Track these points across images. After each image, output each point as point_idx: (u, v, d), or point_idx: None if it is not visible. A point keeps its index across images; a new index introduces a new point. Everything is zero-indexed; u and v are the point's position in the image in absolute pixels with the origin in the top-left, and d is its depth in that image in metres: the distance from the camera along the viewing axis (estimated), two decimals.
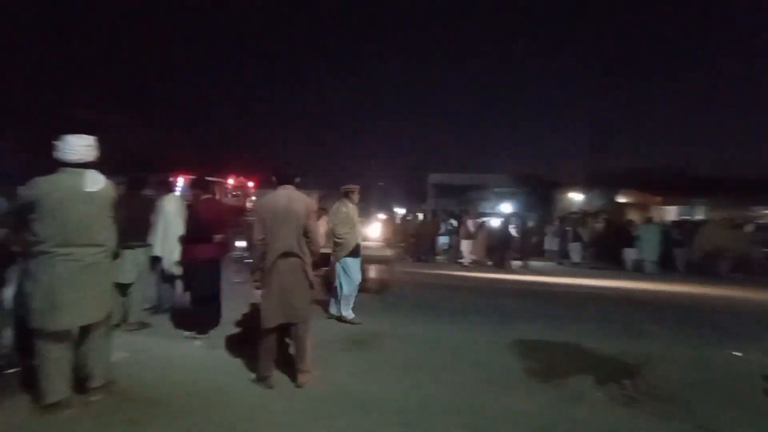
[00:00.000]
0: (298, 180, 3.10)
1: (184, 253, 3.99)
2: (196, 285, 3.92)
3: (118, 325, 3.89)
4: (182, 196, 4.79)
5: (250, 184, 14.07)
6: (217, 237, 3.98)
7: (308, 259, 2.96)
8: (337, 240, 4.70)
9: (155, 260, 4.38)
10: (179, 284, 4.46)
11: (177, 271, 4.31)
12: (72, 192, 2.39)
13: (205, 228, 3.88)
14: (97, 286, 2.47)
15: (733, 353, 4.04)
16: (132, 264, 3.97)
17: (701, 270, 10.25)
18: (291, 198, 2.94)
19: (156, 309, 4.64)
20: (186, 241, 3.98)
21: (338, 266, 4.73)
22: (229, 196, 13.10)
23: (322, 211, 10.25)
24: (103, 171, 2.57)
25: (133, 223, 3.89)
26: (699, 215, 15.22)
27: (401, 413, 2.61)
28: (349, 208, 4.79)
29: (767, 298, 7.62)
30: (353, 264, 4.75)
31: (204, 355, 3.53)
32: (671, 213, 16.35)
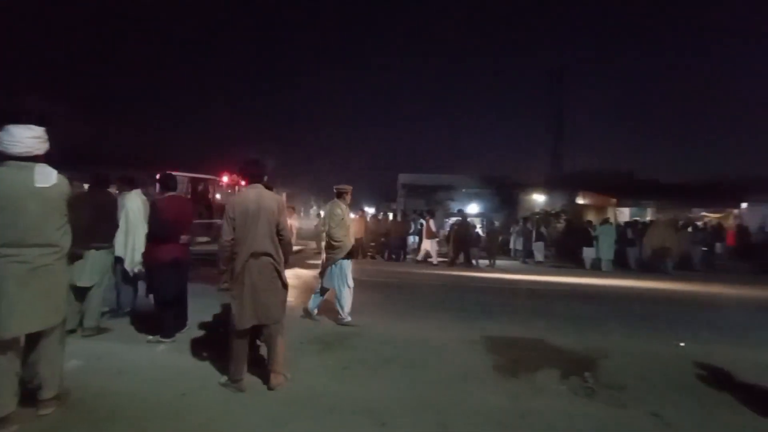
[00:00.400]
0: (266, 178, 3.07)
1: (148, 253, 3.81)
2: (160, 287, 3.74)
3: (73, 331, 3.66)
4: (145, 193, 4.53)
5: (243, 183, 13.62)
6: (184, 237, 3.83)
7: (281, 259, 2.92)
8: (334, 243, 4.64)
9: (117, 261, 4.15)
10: (142, 286, 4.26)
11: (139, 271, 4.10)
12: (20, 188, 2.21)
13: (169, 227, 3.72)
14: (48, 290, 2.30)
15: (679, 344, 4.39)
16: (94, 266, 3.75)
17: (650, 267, 11.03)
18: (261, 196, 2.89)
19: (115, 312, 4.40)
20: (149, 240, 3.79)
21: (334, 269, 4.66)
22: (222, 194, 12.75)
23: (291, 209, 10.08)
24: (54, 166, 2.39)
25: (97, 223, 3.67)
26: (648, 216, 16.33)
27: (375, 412, 2.63)
28: (343, 209, 4.75)
29: (706, 291, 8.31)
30: (348, 266, 4.73)
31: (169, 360, 3.39)
32: (624, 214, 17.43)
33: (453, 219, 13.56)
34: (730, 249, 14.00)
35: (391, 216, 14.04)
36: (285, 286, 2.96)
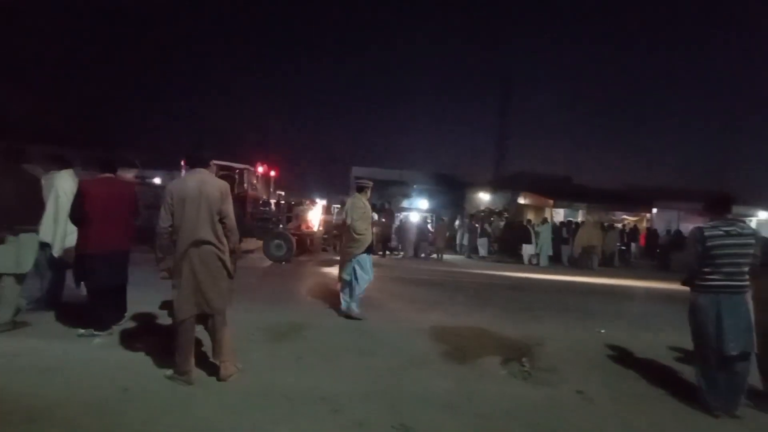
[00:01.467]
0: (212, 163, 2.99)
1: (80, 239, 3.49)
2: (95, 275, 3.46)
3: None
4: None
5: (273, 173, 11.71)
6: (123, 222, 3.56)
7: (225, 247, 2.84)
8: (357, 236, 4.63)
9: (42, 246, 3.75)
10: (71, 275, 3.89)
11: (69, 259, 3.74)
12: None
13: (103, 211, 3.43)
14: None
15: (600, 331, 4.94)
16: (12, 252, 3.36)
17: (579, 263, 12.16)
18: (203, 182, 2.79)
19: (40, 304, 3.98)
20: (80, 225, 3.47)
21: (354, 262, 4.65)
22: (256, 185, 10.95)
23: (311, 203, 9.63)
24: None
25: (14, 203, 3.28)
26: (580, 218, 17.89)
27: (328, 400, 2.68)
28: (365, 203, 4.76)
29: (622, 285, 9.36)
30: (368, 260, 4.73)
31: (105, 355, 3.16)
32: (560, 214, 18.91)
33: (403, 213, 13.89)
34: (642, 248, 15.88)
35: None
36: (230, 275, 2.89)
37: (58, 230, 3.76)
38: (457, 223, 14.94)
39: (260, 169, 11.19)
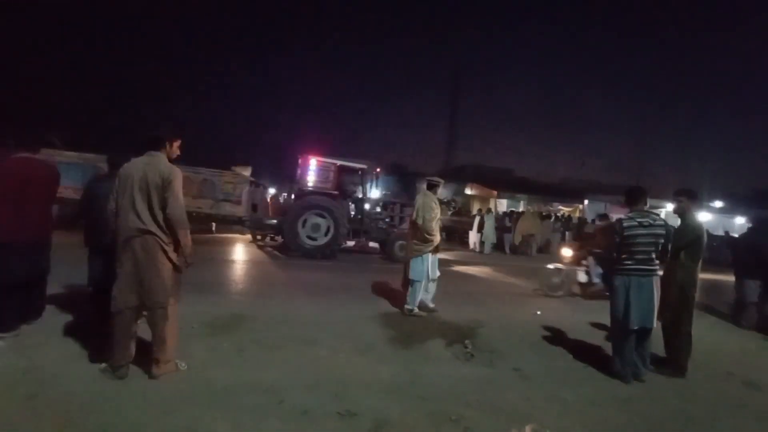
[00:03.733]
0: (164, 147, 2.70)
1: None
2: (5, 269, 3.02)
3: None
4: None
5: (378, 169, 10.62)
6: (40, 208, 3.15)
7: (168, 238, 2.62)
8: (428, 236, 4.58)
9: None
10: None
11: None
12: None
13: (14, 196, 3.01)
14: None
15: (537, 312, 5.31)
16: None
17: (519, 250, 12.94)
18: (149, 165, 2.56)
19: None
20: None
21: (420, 260, 4.60)
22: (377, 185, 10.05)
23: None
24: None
25: None
26: (521, 208, 19.04)
27: (272, 392, 2.61)
28: (436, 202, 4.64)
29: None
30: (435, 260, 4.72)
31: (12, 356, 2.80)
32: (503, 205, 19.96)
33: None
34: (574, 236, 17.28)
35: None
36: (177, 267, 2.68)
37: None
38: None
39: (378, 169, 10.36)
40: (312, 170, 9.39)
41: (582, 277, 6.42)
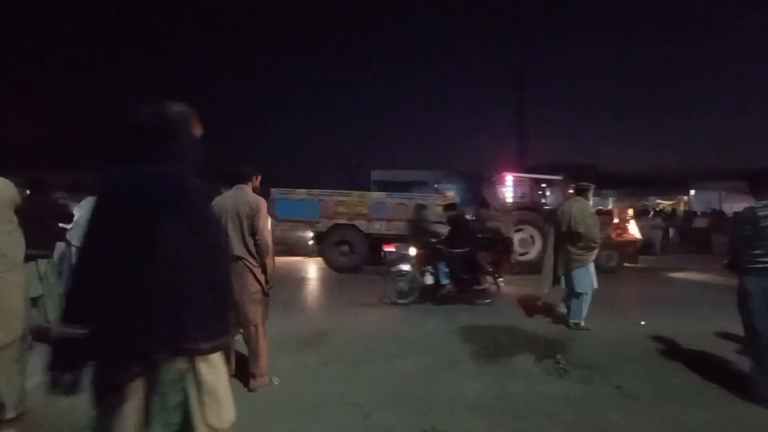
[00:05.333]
0: (251, 180, 3.04)
1: None
2: None
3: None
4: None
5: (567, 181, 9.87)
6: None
7: (255, 262, 2.89)
8: (593, 244, 4.44)
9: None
10: None
11: None
12: None
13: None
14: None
15: (640, 323, 4.69)
16: (35, 276, 3.56)
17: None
18: (239, 198, 2.90)
19: None
20: None
21: (584, 271, 4.41)
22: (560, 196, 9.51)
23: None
24: None
25: (33, 229, 3.50)
26: (609, 205, 17.18)
27: (358, 406, 2.67)
28: (591, 207, 4.64)
29: (665, 273, 8.89)
30: (593, 269, 4.55)
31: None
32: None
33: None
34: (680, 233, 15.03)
35: None
36: (264, 290, 2.93)
37: None
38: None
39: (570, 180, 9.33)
40: (509, 186, 9.46)
41: (428, 279, 5.71)
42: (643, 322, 4.71)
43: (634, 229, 9.54)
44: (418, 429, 2.40)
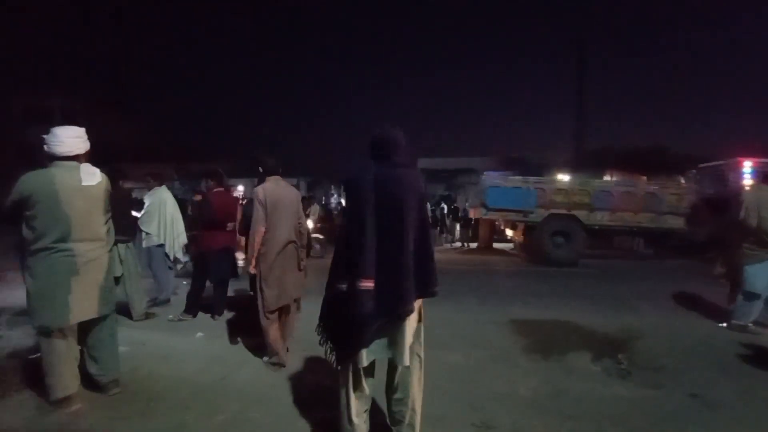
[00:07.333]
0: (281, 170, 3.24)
1: (201, 240, 4.19)
2: (217, 269, 4.18)
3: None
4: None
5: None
6: (230, 225, 4.20)
7: (301, 245, 3.17)
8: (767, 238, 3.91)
9: (158, 249, 4.51)
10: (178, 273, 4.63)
11: (183, 258, 4.73)
12: (68, 186, 2.33)
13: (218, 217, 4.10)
14: (99, 281, 2.45)
15: (720, 325, 4.22)
16: (116, 258, 3.95)
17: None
18: (284, 187, 3.13)
19: (154, 300, 4.63)
20: (201, 229, 4.20)
21: (761, 268, 3.92)
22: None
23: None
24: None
25: (115, 216, 3.89)
26: None
27: None
28: None
29: None
30: None
31: (206, 346, 3.55)
32: None
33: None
34: None
35: None
36: (301, 267, 3.17)
37: (170, 234, 4.56)
38: None
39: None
40: (749, 173, 8.42)
41: None
42: (723, 324, 4.24)
43: None
44: (469, 422, 2.36)
